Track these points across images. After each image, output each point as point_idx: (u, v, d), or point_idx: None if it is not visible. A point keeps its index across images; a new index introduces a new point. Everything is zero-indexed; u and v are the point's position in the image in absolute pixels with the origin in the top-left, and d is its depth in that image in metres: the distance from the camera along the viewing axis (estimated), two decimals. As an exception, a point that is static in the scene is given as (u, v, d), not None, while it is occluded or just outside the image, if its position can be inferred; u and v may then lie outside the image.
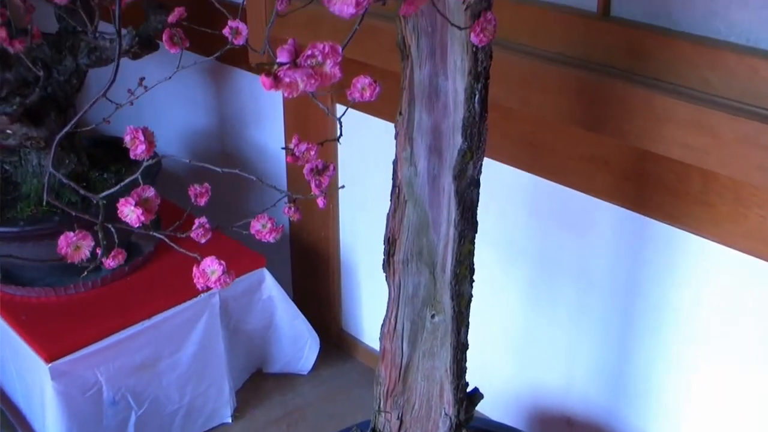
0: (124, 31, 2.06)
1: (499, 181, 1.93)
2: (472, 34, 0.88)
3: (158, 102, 2.69)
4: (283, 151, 1.14)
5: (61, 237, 1.02)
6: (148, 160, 1.07)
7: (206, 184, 1.35)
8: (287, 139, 2.46)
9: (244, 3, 1.31)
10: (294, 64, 0.62)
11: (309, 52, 0.63)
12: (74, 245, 1.05)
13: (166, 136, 2.93)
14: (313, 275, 2.62)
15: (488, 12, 0.89)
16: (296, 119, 2.42)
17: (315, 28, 1.89)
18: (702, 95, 1.54)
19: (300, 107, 2.36)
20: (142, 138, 1.03)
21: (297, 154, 0.94)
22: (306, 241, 2.58)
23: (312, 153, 1.01)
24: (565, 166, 1.81)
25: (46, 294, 2.17)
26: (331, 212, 2.44)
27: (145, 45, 2.10)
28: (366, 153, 2.24)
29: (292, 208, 1.21)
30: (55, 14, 2.16)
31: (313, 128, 2.34)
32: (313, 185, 1.10)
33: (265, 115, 2.56)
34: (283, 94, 0.61)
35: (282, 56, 0.63)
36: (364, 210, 2.38)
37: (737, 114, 1.47)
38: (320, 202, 1.14)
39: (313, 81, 0.62)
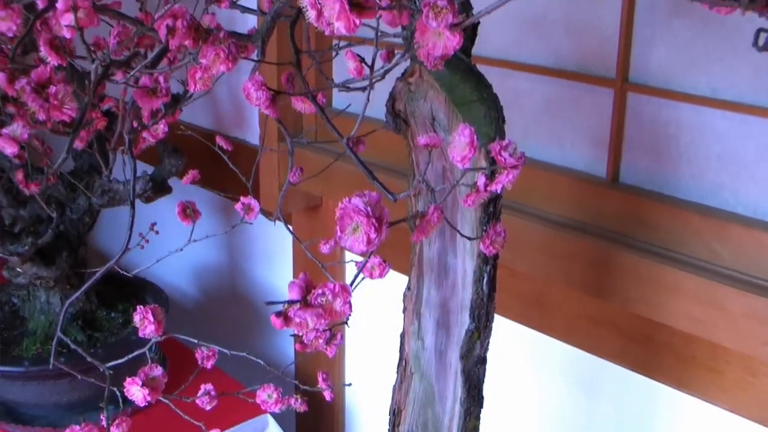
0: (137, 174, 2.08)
1: (505, 338, 1.92)
2: (482, 245, 0.89)
3: (169, 234, 2.70)
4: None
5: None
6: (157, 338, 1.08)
7: (213, 348, 1.35)
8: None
9: (256, 171, 1.32)
10: (304, 302, 0.63)
11: (320, 291, 0.64)
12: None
13: (177, 266, 2.94)
14: (317, 423, 2.60)
15: (497, 224, 0.90)
16: (306, 261, 2.43)
17: (327, 180, 1.91)
18: (711, 267, 1.54)
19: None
20: (151, 318, 1.04)
21: (306, 341, 0.94)
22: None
23: (320, 341, 1.01)
24: (573, 325, 1.80)
25: (48, 435, 2.15)
26: (337, 360, 2.43)
27: (159, 189, 2.13)
28: (374, 300, 2.24)
29: (299, 400, 1.21)
30: (72, 154, 2.19)
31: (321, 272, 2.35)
32: (320, 379, 1.10)
33: (274, 255, 2.57)
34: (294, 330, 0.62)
35: (293, 292, 0.64)
36: (370, 358, 2.37)
37: (746, 288, 1.47)
38: (327, 395, 1.14)
39: (322, 321, 0.62)
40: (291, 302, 0.63)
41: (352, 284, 0.69)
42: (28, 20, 1.07)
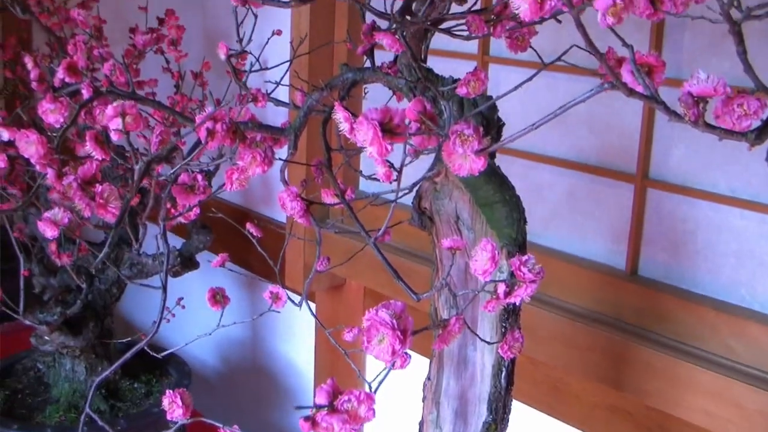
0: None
1: (522, 423, 1.94)
2: (501, 350, 0.93)
3: (194, 306, 2.75)
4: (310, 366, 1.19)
5: None
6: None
7: (236, 427, 1.37)
8: (317, 358, 2.49)
9: (282, 259, 1.36)
10: (331, 407, 0.66)
11: (346, 398, 0.67)
12: None
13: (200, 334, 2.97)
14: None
15: (516, 330, 0.94)
16: (328, 339, 2.46)
17: (351, 261, 1.95)
18: (726, 362, 1.57)
19: (331, 325, 2.40)
20: (179, 402, 1.07)
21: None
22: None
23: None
24: (589, 414, 1.82)
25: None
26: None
27: (186, 264, 2.17)
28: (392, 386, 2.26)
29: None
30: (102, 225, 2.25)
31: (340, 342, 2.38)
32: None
33: (296, 331, 2.60)
34: None
35: (320, 397, 0.67)
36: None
37: (762, 386, 1.49)
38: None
39: (348, 426, 0.66)
40: (318, 407, 0.66)
41: (375, 391, 0.73)
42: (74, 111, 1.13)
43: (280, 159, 1.07)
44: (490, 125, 1.23)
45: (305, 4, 0.78)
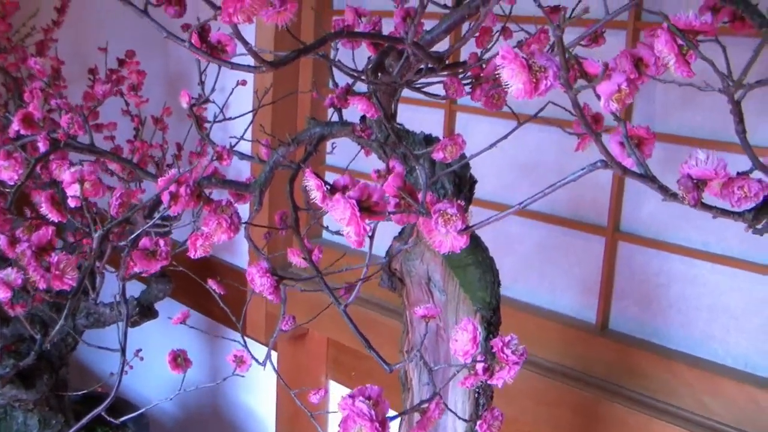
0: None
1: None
2: (479, 428, 0.89)
3: (154, 352, 2.69)
4: (271, 416, 1.14)
5: None
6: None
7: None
8: (278, 409, 2.43)
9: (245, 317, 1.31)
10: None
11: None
12: None
13: (158, 384, 2.90)
14: None
15: (495, 408, 0.89)
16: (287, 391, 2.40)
17: (314, 312, 1.90)
18: (700, 420, 1.54)
19: (292, 378, 2.34)
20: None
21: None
22: None
23: None
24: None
25: None
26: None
27: (145, 313, 2.11)
28: None
29: None
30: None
31: (304, 401, 2.32)
32: None
33: (258, 381, 2.54)
34: None
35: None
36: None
37: (736, 445, 1.46)
38: None
39: None
40: None
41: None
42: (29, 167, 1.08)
43: (244, 223, 1.02)
44: (463, 183, 1.19)
45: (277, 68, 0.74)
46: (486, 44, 1.13)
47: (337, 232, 1.11)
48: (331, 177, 2.20)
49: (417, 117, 1.83)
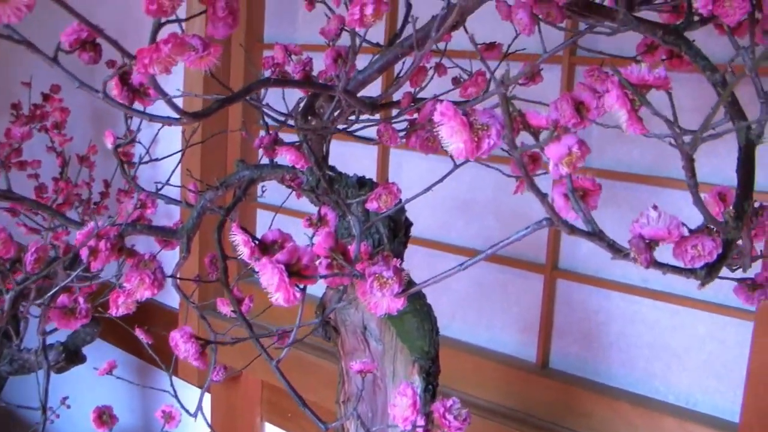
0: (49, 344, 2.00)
1: None
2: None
3: (83, 397, 2.60)
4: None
5: None
6: None
7: None
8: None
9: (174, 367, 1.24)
10: None
11: None
12: None
13: (85, 427, 2.81)
14: None
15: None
16: (223, 429, 2.34)
17: (247, 355, 1.85)
18: (644, 459, 1.51)
19: (226, 421, 2.28)
20: None
21: None
22: None
23: None
24: None
25: None
26: None
27: (72, 359, 2.03)
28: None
29: None
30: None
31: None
32: None
33: (189, 421, 2.47)
34: None
35: None
36: None
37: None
38: None
39: None
40: None
41: None
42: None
43: (169, 276, 0.97)
44: (398, 227, 1.16)
45: (198, 120, 0.69)
46: (420, 83, 1.09)
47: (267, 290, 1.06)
48: (262, 216, 2.15)
49: (350, 152, 1.79)
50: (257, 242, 0.78)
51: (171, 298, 2.33)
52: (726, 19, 0.65)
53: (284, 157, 0.95)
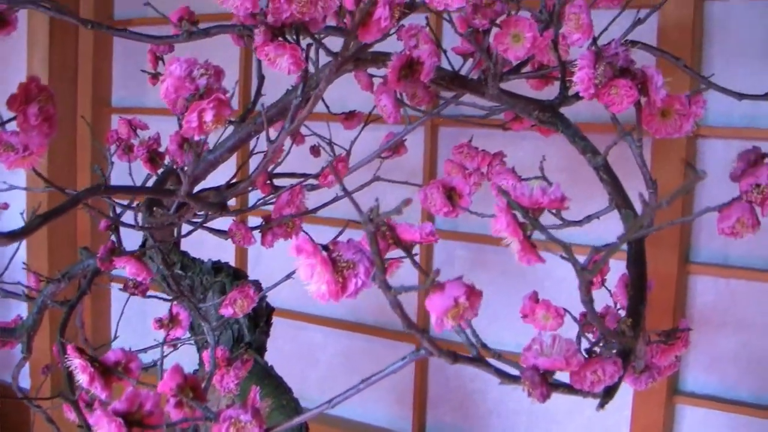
0: None
1: None
2: None
3: None
4: None
5: None
6: None
7: None
8: None
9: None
10: None
11: None
12: None
13: None
14: None
15: None
16: None
17: None
18: None
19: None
20: None
21: None
22: None
23: None
24: None
25: None
26: None
27: None
28: None
29: None
30: None
31: None
32: None
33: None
34: None
35: None
36: None
37: None
38: None
39: None
40: None
41: None
42: None
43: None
44: (259, 316, 1.07)
45: (14, 241, 0.60)
46: (276, 160, 1.01)
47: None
48: (119, 296, 2.02)
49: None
50: (97, 365, 0.69)
51: (23, 378, 2.18)
52: (612, 108, 0.58)
53: (123, 269, 0.84)
